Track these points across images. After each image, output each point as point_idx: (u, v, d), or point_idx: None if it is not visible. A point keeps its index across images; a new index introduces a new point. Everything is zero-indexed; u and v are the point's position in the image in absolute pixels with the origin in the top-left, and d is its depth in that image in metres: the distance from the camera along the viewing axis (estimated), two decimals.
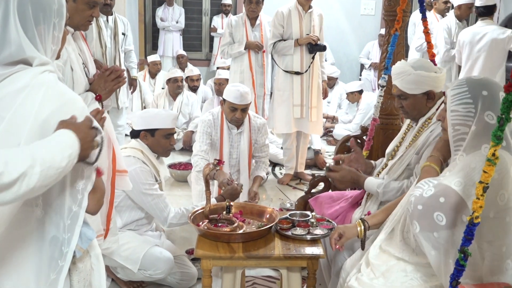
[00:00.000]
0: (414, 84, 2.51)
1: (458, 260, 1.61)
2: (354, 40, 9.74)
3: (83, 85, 2.35)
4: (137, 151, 3.06)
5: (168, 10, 9.36)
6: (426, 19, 3.22)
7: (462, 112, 1.83)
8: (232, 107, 3.81)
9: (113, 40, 5.59)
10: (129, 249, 2.99)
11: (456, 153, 1.85)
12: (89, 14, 2.34)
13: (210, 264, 2.44)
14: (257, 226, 2.68)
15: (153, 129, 3.08)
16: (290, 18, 4.94)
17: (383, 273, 1.99)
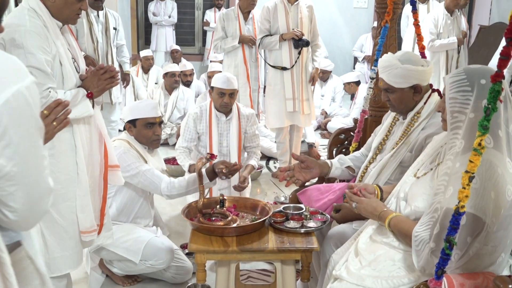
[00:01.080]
0: (401, 78, 2.53)
1: (444, 249, 1.63)
2: (347, 33, 9.77)
3: (73, 80, 2.36)
4: (124, 142, 3.09)
5: (160, 4, 9.35)
6: (416, 11, 3.24)
7: (460, 100, 1.84)
8: (220, 92, 3.87)
9: (105, 35, 5.59)
10: (129, 240, 3.01)
11: (455, 141, 1.85)
12: (78, 7, 2.32)
13: (204, 258, 2.46)
14: (250, 220, 2.70)
15: (134, 119, 3.10)
16: (276, 12, 4.95)
17: (370, 262, 2.01)
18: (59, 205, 2.39)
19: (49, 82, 2.23)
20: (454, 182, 1.75)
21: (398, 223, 2.01)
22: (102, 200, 2.57)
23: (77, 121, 2.37)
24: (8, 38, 2.19)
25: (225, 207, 2.77)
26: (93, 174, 2.50)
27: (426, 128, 2.58)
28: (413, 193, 2.06)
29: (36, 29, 2.23)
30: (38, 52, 2.21)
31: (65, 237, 2.42)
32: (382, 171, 2.68)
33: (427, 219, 1.85)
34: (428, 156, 2.13)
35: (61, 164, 2.33)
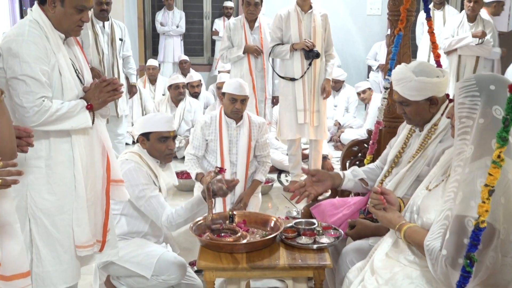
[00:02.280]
0: (416, 90, 2.52)
1: (464, 266, 1.62)
2: (360, 41, 9.76)
3: (73, 91, 2.39)
4: (135, 155, 3.08)
5: (168, 14, 9.42)
6: (430, 19, 3.24)
7: (468, 105, 1.86)
8: (232, 98, 3.89)
9: (110, 46, 5.64)
10: (140, 255, 2.98)
11: (463, 146, 1.86)
12: (78, 19, 2.37)
13: (213, 275, 2.45)
14: (261, 236, 2.69)
15: (147, 132, 3.10)
16: (288, 21, 4.98)
17: (387, 281, 2.00)
18: (54, 217, 2.40)
19: (43, 91, 2.28)
20: (464, 188, 1.76)
21: (412, 234, 2.01)
22: (105, 215, 2.57)
23: (76, 132, 2.39)
24: (6, 47, 2.27)
25: (235, 223, 2.77)
26: (94, 188, 2.51)
27: (444, 141, 2.56)
28: (425, 206, 2.06)
29: (34, 39, 2.29)
30: (33, 61, 2.26)
31: (60, 251, 2.42)
32: (398, 185, 2.66)
33: (437, 227, 1.86)
34: (440, 168, 2.13)
35: (58, 175, 2.35)
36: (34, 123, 2.26)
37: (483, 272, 1.73)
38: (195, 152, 4.07)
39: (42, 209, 2.38)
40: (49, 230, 2.40)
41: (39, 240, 2.39)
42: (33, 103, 2.24)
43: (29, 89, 2.25)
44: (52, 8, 2.35)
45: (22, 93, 2.25)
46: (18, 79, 2.25)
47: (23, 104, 2.25)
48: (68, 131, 2.38)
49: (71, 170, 2.40)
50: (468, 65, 5.97)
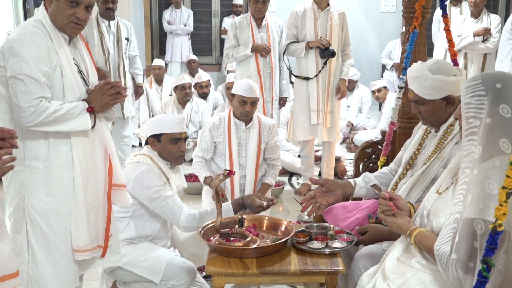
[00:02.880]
0: (432, 89, 2.51)
1: (481, 271, 1.62)
2: (374, 39, 9.75)
3: (75, 93, 2.41)
4: (146, 157, 3.10)
5: (175, 12, 9.45)
6: (447, 16, 3.24)
7: (475, 104, 1.86)
8: (242, 100, 3.89)
9: (116, 46, 5.68)
10: (149, 259, 2.98)
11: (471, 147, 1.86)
12: (71, 14, 2.37)
13: (222, 281, 2.45)
14: (271, 240, 2.68)
15: (158, 134, 3.11)
16: (304, 18, 4.99)
17: (400, 286, 2.01)
18: (50, 220, 2.42)
19: (41, 92, 2.30)
20: (473, 190, 1.77)
21: (423, 239, 2.02)
22: (107, 220, 2.58)
23: (76, 134, 2.41)
24: (7, 47, 2.30)
25: (244, 227, 2.76)
26: (95, 192, 2.52)
27: (460, 142, 2.55)
28: (435, 210, 2.06)
29: (36, 39, 2.32)
30: (33, 61, 2.29)
31: (56, 254, 2.44)
32: (413, 188, 2.65)
33: (447, 231, 1.86)
34: (450, 171, 2.13)
35: (55, 177, 2.37)
36: (30, 123, 2.29)
37: (495, 276, 1.73)
38: (203, 155, 4.08)
39: (38, 210, 2.41)
40: (45, 232, 2.42)
41: (35, 242, 2.42)
42: (30, 103, 2.26)
43: (27, 89, 2.27)
44: (49, 4, 2.38)
45: (20, 92, 2.27)
46: (17, 78, 2.28)
47: (20, 103, 2.27)
48: (68, 133, 2.40)
49: (69, 172, 2.42)
50: (475, 62, 5.94)
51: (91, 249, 2.50)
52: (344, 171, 5.86)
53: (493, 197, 1.71)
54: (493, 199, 1.71)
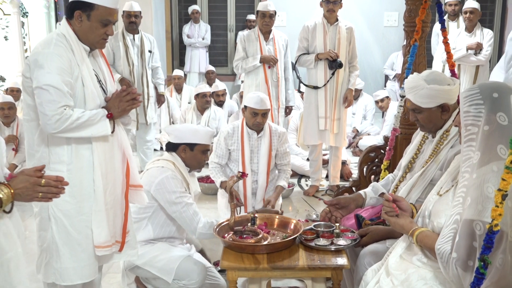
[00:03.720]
0: (428, 98, 2.51)
1: (478, 268, 1.60)
2: (378, 51, 9.71)
3: (95, 101, 2.41)
4: (169, 163, 3.11)
5: (194, 27, 9.48)
6: (445, 29, 3.21)
7: (473, 113, 1.85)
8: (253, 112, 3.88)
9: (140, 58, 5.71)
10: (163, 260, 3.01)
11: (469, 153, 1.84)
12: (103, 32, 2.40)
13: (235, 275, 2.45)
14: (281, 237, 2.68)
15: (193, 143, 3.13)
16: (315, 32, 5.00)
17: (402, 282, 1.99)
18: (73, 219, 2.43)
19: (64, 100, 2.30)
20: (472, 193, 1.75)
21: (424, 238, 2.00)
22: (124, 217, 2.59)
23: (96, 139, 2.41)
24: (33, 59, 2.32)
25: (256, 225, 2.76)
26: (114, 192, 2.52)
27: (455, 146, 2.54)
28: (436, 210, 2.04)
29: (59, 52, 2.32)
30: (57, 72, 2.29)
31: (78, 250, 2.45)
32: (412, 189, 2.64)
33: (447, 231, 1.84)
34: (450, 174, 2.11)
35: (77, 180, 2.36)
36: (55, 130, 2.29)
37: (493, 273, 1.71)
38: (219, 161, 4.08)
39: (62, 210, 2.41)
40: (68, 230, 2.43)
41: (59, 238, 2.43)
42: (55, 112, 2.27)
43: (52, 98, 2.27)
44: (79, 22, 2.38)
45: (45, 102, 2.27)
46: (42, 88, 2.28)
47: (46, 112, 2.27)
48: (89, 138, 2.40)
49: (90, 175, 2.42)
50: (468, 73, 5.91)
51: (111, 245, 2.50)
52: (350, 174, 5.83)
53: (491, 200, 1.69)
54: (491, 202, 1.69)
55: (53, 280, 2.46)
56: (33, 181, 1.77)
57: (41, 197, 1.79)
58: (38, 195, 1.78)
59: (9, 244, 1.78)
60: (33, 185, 1.76)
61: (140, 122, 5.80)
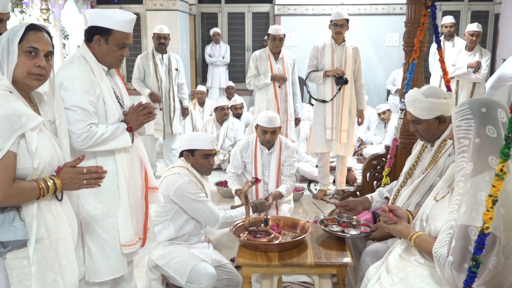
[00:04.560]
0: (426, 110, 2.49)
1: (471, 267, 1.56)
2: (380, 69, 9.66)
3: (115, 115, 2.42)
4: (183, 169, 3.13)
5: (215, 47, 9.53)
6: (441, 49, 3.18)
7: (464, 127, 1.83)
8: (263, 130, 3.86)
9: (168, 75, 5.74)
10: (178, 262, 3.02)
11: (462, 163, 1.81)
12: (120, 54, 2.40)
13: (249, 271, 2.44)
14: (291, 237, 2.66)
15: (192, 149, 3.13)
16: (324, 51, 5.01)
17: (401, 279, 1.96)
18: (102, 221, 2.43)
19: (90, 119, 2.31)
20: (467, 201, 1.73)
21: (422, 242, 1.98)
22: (145, 217, 2.60)
23: (118, 150, 2.42)
24: (59, 82, 2.28)
25: (269, 226, 2.75)
26: (135, 195, 2.53)
27: (452, 154, 2.49)
28: (433, 215, 2.01)
29: (82, 74, 2.33)
30: (81, 94, 2.29)
31: (107, 249, 2.45)
32: (412, 194, 2.61)
33: (443, 236, 1.81)
34: (446, 181, 2.08)
35: (104, 187, 2.31)
36: (83, 146, 2.30)
37: (486, 274, 1.67)
38: (235, 171, 4.08)
39: (91, 215, 2.41)
40: (97, 232, 2.43)
41: (90, 240, 2.43)
42: (82, 130, 2.27)
43: (79, 117, 2.28)
44: (98, 46, 2.37)
45: (73, 121, 2.27)
46: (69, 109, 2.27)
47: (74, 130, 2.27)
48: (112, 150, 2.40)
49: (115, 182, 2.42)
50: (465, 89, 5.85)
51: (135, 243, 2.52)
52: (354, 179, 5.78)
53: (484, 207, 1.66)
54: (484, 208, 1.65)
55: (86, 278, 2.46)
56: (76, 170, 1.81)
57: (86, 183, 1.84)
58: (83, 182, 1.83)
59: (58, 226, 1.81)
60: (77, 174, 1.81)
61: (167, 132, 5.83)
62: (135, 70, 5.77)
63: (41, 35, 1.78)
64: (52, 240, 1.78)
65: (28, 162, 1.68)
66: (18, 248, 1.68)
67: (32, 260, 1.70)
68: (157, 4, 8.77)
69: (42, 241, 1.73)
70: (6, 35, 1.72)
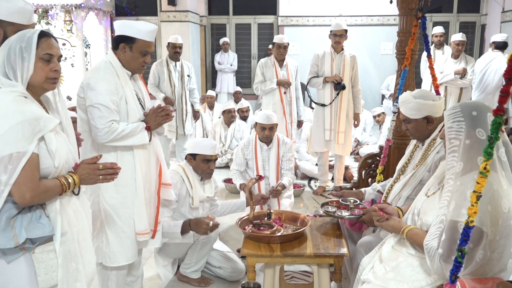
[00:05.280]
0: (415, 110, 2.49)
1: (456, 258, 1.55)
2: (376, 75, 9.62)
3: (136, 115, 2.45)
4: (180, 168, 3.10)
5: (224, 55, 9.53)
6: (430, 56, 3.17)
7: (456, 128, 1.81)
8: (262, 127, 3.85)
9: (180, 81, 5.74)
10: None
11: (453, 162, 1.80)
12: (142, 61, 2.44)
13: (254, 261, 2.44)
14: (292, 230, 2.66)
15: (195, 154, 3.10)
16: (324, 59, 5.00)
17: (393, 268, 1.95)
18: (118, 211, 2.45)
19: (112, 116, 2.34)
20: (456, 198, 1.71)
21: (413, 235, 1.97)
22: (156, 210, 2.60)
23: (137, 147, 2.45)
24: (86, 83, 2.37)
25: (272, 219, 2.74)
26: (150, 189, 2.54)
27: (441, 151, 2.51)
28: (424, 209, 2.00)
29: (106, 76, 2.37)
30: (105, 93, 2.33)
31: (123, 236, 2.47)
32: (403, 188, 2.60)
33: (434, 229, 1.80)
34: (437, 179, 2.07)
35: (122, 180, 2.36)
36: (104, 140, 2.34)
37: (473, 266, 1.67)
38: (238, 168, 4.06)
39: (110, 204, 2.44)
40: (115, 220, 2.45)
41: (107, 228, 2.46)
42: (105, 125, 2.32)
43: (102, 114, 2.32)
44: (123, 53, 2.42)
45: (97, 117, 2.32)
46: (94, 106, 2.33)
47: (97, 126, 2.32)
48: (131, 146, 2.43)
49: (133, 176, 2.44)
50: (453, 94, 5.83)
51: (148, 233, 2.53)
52: (351, 177, 5.76)
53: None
54: None
55: (102, 262, 2.49)
56: (93, 167, 1.81)
57: (102, 179, 1.84)
58: (99, 177, 1.83)
59: (77, 219, 1.82)
60: (94, 170, 1.81)
61: (179, 133, 5.83)
62: (150, 76, 5.79)
63: (52, 41, 1.76)
64: (73, 232, 1.79)
65: (49, 162, 1.68)
66: (44, 242, 1.68)
67: (58, 253, 1.71)
68: (171, 16, 8.79)
69: (66, 234, 1.74)
70: (16, 43, 1.68)
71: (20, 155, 1.56)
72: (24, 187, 1.58)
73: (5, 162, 1.55)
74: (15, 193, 1.58)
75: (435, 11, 9.66)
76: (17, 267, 1.64)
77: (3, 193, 1.57)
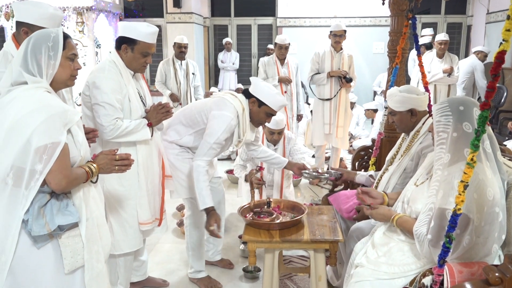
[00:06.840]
0: (399, 103, 2.51)
1: (445, 243, 1.55)
2: (368, 72, 9.59)
3: (138, 112, 2.43)
4: (240, 106, 2.69)
5: (226, 54, 9.49)
6: (420, 55, 3.14)
7: (443, 122, 1.81)
8: (271, 131, 3.80)
9: (185, 79, 5.72)
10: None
11: (441, 154, 1.79)
12: (143, 61, 2.41)
13: (254, 246, 2.43)
14: (290, 217, 2.65)
15: (263, 102, 2.67)
16: (324, 57, 5.04)
17: (385, 253, 1.95)
18: (122, 202, 2.45)
19: (116, 114, 2.32)
20: (444, 187, 1.71)
21: (403, 223, 1.97)
22: (161, 200, 2.60)
23: (139, 142, 2.43)
24: (91, 82, 2.33)
25: (271, 207, 2.73)
26: (153, 181, 2.54)
27: (423, 142, 2.54)
28: (413, 198, 1.99)
29: (111, 75, 2.34)
30: (110, 92, 2.31)
31: (126, 226, 2.47)
32: (391, 177, 2.62)
33: (423, 216, 1.80)
34: (425, 169, 2.06)
35: (126, 173, 2.34)
36: (109, 137, 2.33)
37: (460, 250, 1.66)
38: (243, 163, 3.94)
39: (114, 196, 2.43)
40: (118, 211, 2.45)
41: (112, 218, 2.45)
42: (110, 123, 2.30)
43: (107, 112, 2.30)
44: (125, 53, 2.39)
45: (102, 115, 2.30)
46: (99, 104, 2.30)
47: (102, 123, 2.30)
48: (134, 142, 2.41)
49: (135, 169, 2.43)
50: (442, 91, 5.83)
51: (151, 222, 2.53)
52: (345, 168, 5.75)
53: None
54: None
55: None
56: (110, 157, 1.84)
57: (117, 169, 1.86)
58: (115, 168, 1.85)
59: (96, 205, 1.83)
60: (111, 160, 1.83)
61: None
62: (157, 74, 5.77)
63: (73, 42, 1.79)
64: (94, 217, 1.80)
65: (74, 151, 1.70)
66: (70, 228, 1.70)
67: (83, 237, 1.73)
68: (176, 18, 8.75)
69: (88, 220, 1.76)
70: (42, 42, 1.68)
71: (54, 146, 1.58)
72: (60, 174, 1.60)
73: (40, 152, 1.56)
74: (51, 181, 1.60)
75: (424, 12, 9.60)
76: (45, 252, 1.67)
77: (38, 181, 1.58)
